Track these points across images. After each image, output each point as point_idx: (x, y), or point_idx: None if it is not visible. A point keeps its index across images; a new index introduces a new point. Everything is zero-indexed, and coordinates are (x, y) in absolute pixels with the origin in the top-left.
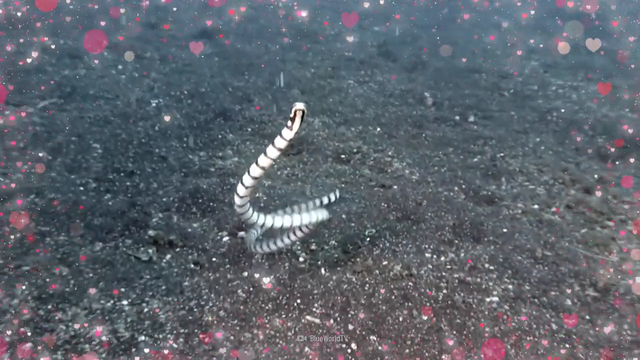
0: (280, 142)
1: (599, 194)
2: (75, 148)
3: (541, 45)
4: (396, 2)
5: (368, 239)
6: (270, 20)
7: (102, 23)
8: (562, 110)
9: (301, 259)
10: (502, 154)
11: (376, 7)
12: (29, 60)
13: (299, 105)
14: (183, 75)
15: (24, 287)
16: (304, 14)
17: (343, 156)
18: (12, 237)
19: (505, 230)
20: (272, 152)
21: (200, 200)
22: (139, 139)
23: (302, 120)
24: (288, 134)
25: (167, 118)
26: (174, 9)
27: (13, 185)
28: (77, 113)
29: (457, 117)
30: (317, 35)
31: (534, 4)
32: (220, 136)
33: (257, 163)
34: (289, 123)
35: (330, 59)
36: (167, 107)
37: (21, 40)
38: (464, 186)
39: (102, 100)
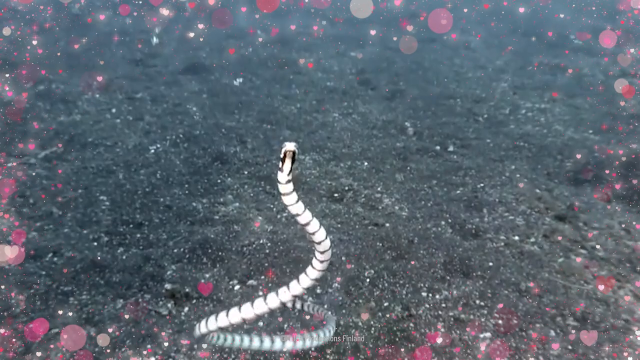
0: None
1: (571, 221)
2: (84, 201)
3: (509, 65)
4: (367, 24)
5: (368, 280)
6: (251, 51)
7: (90, 62)
8: (533, 135)
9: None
10: (482, 185)
11: (350, 30)
12: (23, 106)
13: (289, 146)
14: (175, 116)
15: (56, 352)
16: (281, 42)
17: (336, 195)
18: (37, 298)
19: (491, 264)
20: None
21: (209, 250)
22: (143, 188)
23: (293, 161)
24: (281, 176)
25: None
26: (158, 43)
27: (30, 244)
28: (79, 163)
29: (438, 147)
30: (297, 64)
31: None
32: (219, 181)
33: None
34: (280, 164)
35: (313, 91)
36: (166, 152)
37: (10, 87)
38: (450, 220)
39: (102, 148)
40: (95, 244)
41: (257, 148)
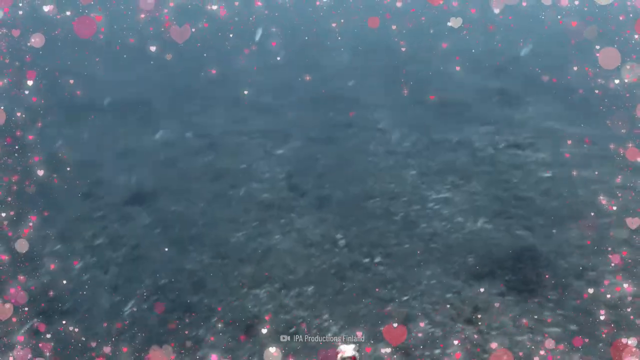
0: None
1: (476, 324)
2: None
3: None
4: (290, 115)
5: None
6: (188, 163)
7: (39, 204)
8: (440, 234)
9: None
10: (406, 297)
11: (274, 124)
12: None
13: (348, 351)
14: (138, 263)
15: None
16: (212, 147)
17: (292, 329)
18: None
19: None
20: None
21: None
22: None
23: None
24: None
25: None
26: (99, 171)
27: None
28: (63, 336)
29: (366, 260)
30: (230, 174)
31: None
32: (194, 334)
33: None
34: None
35: (253, 209)
36: (140, 311)
37: None
38: (384, 342)
39: (79, 315)
40: None
41: (218, 289)
